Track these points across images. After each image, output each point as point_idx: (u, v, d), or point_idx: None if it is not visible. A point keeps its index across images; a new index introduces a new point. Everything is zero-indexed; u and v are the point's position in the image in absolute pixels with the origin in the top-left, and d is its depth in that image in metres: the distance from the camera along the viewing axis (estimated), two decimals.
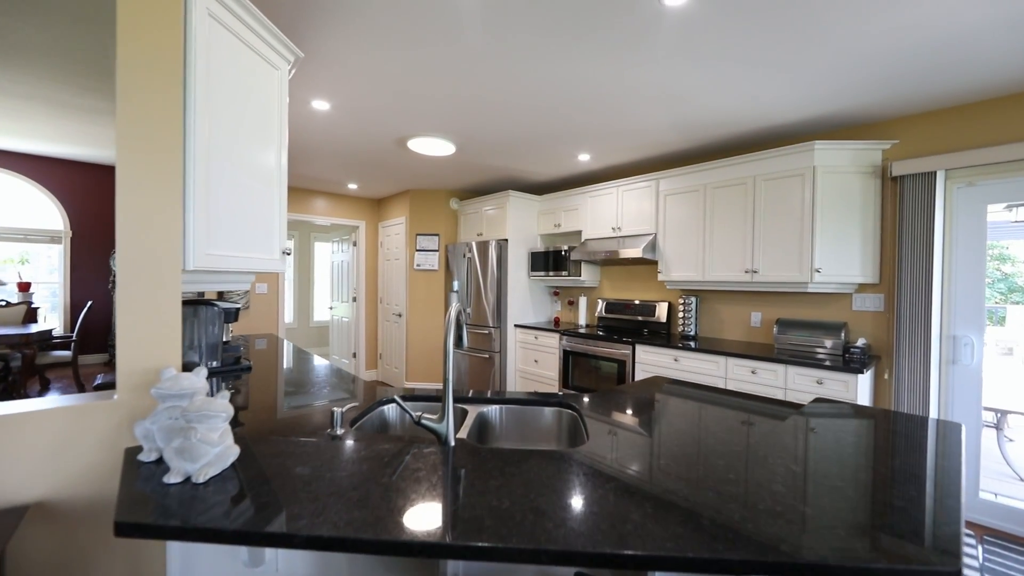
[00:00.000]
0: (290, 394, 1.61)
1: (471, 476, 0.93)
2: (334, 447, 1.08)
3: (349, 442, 1.11)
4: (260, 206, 1.39)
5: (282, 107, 1.49)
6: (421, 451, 1.07)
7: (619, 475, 0.95)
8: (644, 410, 1.46)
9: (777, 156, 2.82)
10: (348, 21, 1.81)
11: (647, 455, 1.07)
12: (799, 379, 2.51)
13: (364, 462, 0.99)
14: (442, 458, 1.03)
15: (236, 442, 0.98)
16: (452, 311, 1.19)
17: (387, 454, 1.04)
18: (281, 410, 1.42)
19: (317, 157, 3.71)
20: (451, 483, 0.90)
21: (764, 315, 3.21)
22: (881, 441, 1.18)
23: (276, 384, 1.77)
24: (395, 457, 1.02)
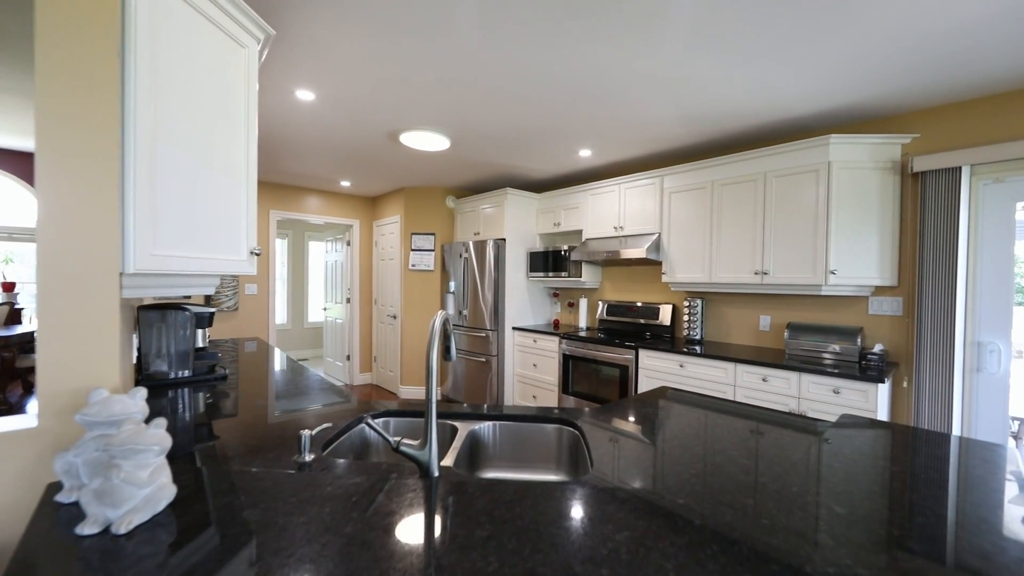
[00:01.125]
0: (261, 410, 1.46)
1: (455, 523, 0.78)
2: (296, 481, 0.93)
3: (316, 473, 0.96)
4: (223, 201, 1.23)
5: (250, 91, 1.33)
6: (398, 485, 0.92)
7: (630, 520, 0.79)
8: (653, 429, 1.30)
9: (789, 151, 2.67)
10: (331, 3, 1.66)
11: (662, 488, 0.92)
12: (814, 388, 2.36)
13: (327, 502, 0.83)
14: (422, 494, 0.88)
15: (184, 474, 0.83)
16: (437, 320, 1.04)
17: (357, 490, 0.89)
18: (247, 428, 1.26)
19: (306, 152, 3.55)
20: (428, 534, 0.74)
21: (774, 319, 3.06)
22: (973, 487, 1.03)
23: (248, 397, 1.62)
24: (365, 495, 0.87)
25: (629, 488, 0.92)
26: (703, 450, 1.14)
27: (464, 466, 1.30)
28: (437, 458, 1.00)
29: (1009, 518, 0.80)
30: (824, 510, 0.82)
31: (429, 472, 0.99)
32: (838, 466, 1.03)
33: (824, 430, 1.29)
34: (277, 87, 2.35)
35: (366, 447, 1.40)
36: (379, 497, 0.86)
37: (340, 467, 1.00)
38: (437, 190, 4.84)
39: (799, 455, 1.10)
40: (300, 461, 1.05)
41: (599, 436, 1.24)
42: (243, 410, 1.45)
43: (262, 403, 1.54)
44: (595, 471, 1.01)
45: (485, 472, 1.39)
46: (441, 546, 0.71)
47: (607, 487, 0.92)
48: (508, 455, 1.42)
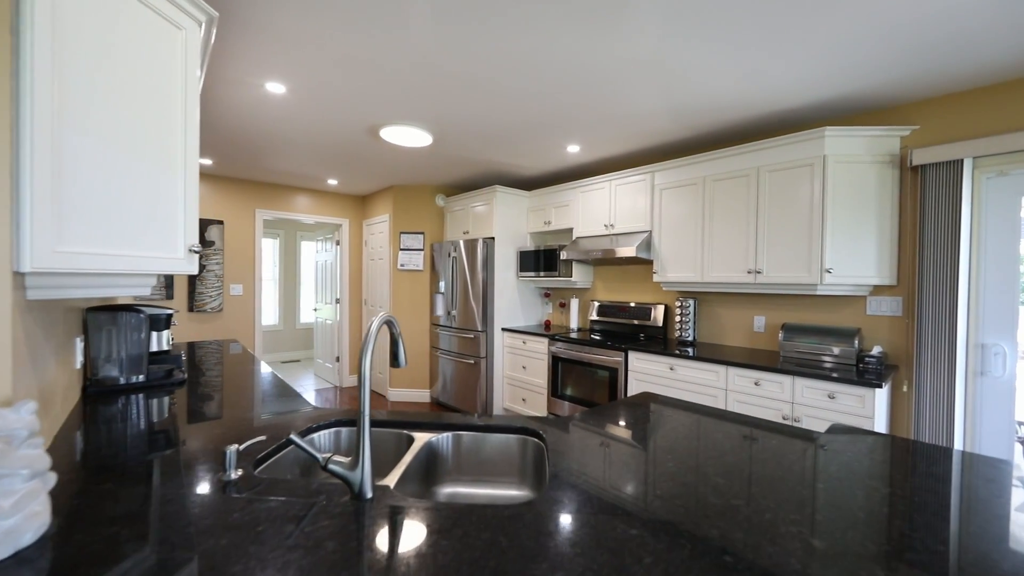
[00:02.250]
0: (210, 419, 1.36)
1: (374, 558, 0.68)
2: (206, 505, 0.82)
3: (229, 497, 0.86)
4: (153, 194, 1.13)
5: (189, 77, 1.23)
6: (324, 510, 0.82)
7: (577, 554, 0.69)
8: (623, 441, 1.20)
9: (783, 145, 2.56)
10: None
11: (622, 512, 0.81)
12: (808, 392, 2.24)
13: (230, 532, 0.73)
14: (346, 522, 0.78)
15: (84, 495, 0.73)
16: (375, 323, 0.93)
17: (271, 516, 0.78)
18: (184, 441, 1.16)
19: (285, 149, 3.46)
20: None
21: (768, 319, 2.95)
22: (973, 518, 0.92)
23: (201, 405, 1.52)
24: (282, 523, 0.77)
25: (583, 511, 0.81)
26: (674, 466, 1.04)
27: (417, 481, 1.20)
28: (371, 477, 0.90)
29: (1015, 548, 0.69)
30: (799, 544, 0.71)
31: (361, 494, 0.89)
32: (821, 487, 0.92)
33: (810, 444, 1.18)
34: (245, 80, 2.25)
35: (309, 464, 1.29)
36: (300, 525, 0.76)
37: (264, 487, 0.90)
38: (426, 188, 4.74)
39: (779, 473, 0.99)
40: (224, 479, 0.95)
41: (563, 448, 1.13)
42: (190, 419, 1.35)
43: (214, 411, 1.44)
44: (550, 491, 0.91)
45: (443, 487, 1.29)
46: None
47: (557, 510, 0.82)
48: (469, 468, 1.32)
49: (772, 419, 2.35)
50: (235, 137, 3.16)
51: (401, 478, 1.07)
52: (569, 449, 1.14)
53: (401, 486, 1.06)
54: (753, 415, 2.43)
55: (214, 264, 4.34)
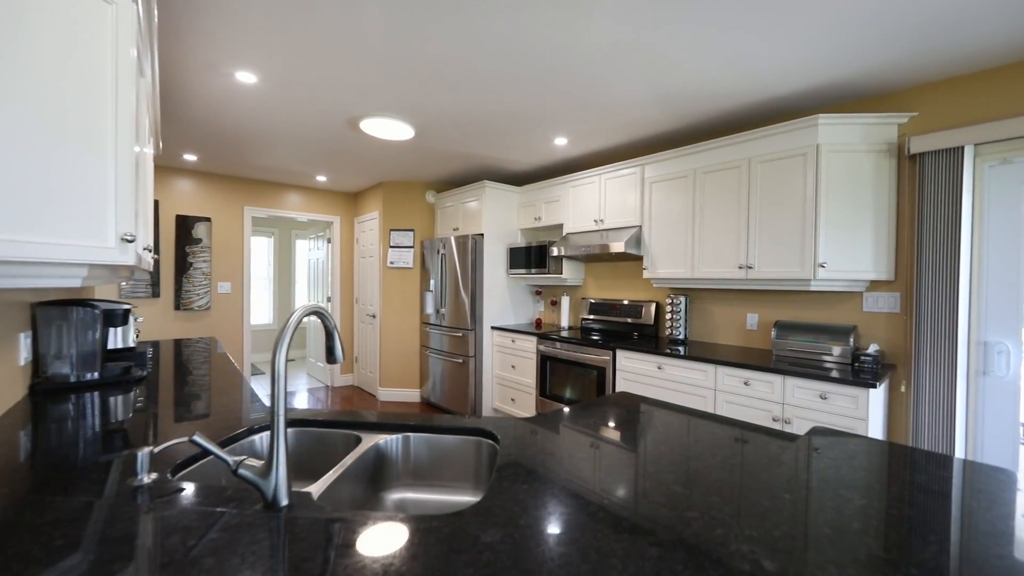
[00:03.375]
0: (153, 418, 1.28)
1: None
2: (98, 513, 0.74)
3: (134, 503, 0.78)
4: (74, 179, 1.06)
5: (121, 56, 1.16)
6: (227, 522, 0.74)
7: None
8: (582, 444, 1.11)
9: (775, 134, 2.45)
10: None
11: (557, 529, 0.72)
12: (799, 393, 2.14)
13: (105, 546, 0.65)
14: (247, 535, 0.69)
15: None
16: (295, 315, 0.85)
17: (169, 528, 0.70)
18: (116, 441, 1.09)
19: (266, 144, 3.39)
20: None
21: (761, 317, 2.84)
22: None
23: (149, 404, 1.45)
24: (183, 535, 0.68)
25: (509, 525, 0.72)
26: (632, 472, 0.94)
27: (362, 486, 1.12)
28: (286, 484, 0.82)
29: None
30: (748, 566, 0.62)
31: (275, 502, 0.80)
32: (788, 498, 0.83)
33: (785, 449, 1.08)
34: (214, 69, 2.18)
35: None
36: (181, 539, 0.67)
37: (173, 494, 0.82)
38: (416, 185, 4.67)
39: (745, 480, 0.90)
40: (133, 485, 0.87)
41: (515, 452, 1.04)
42: (134, 418, 1.27)
43: (162, 411, 1.37)
44: (486, 499, 0.82)
45: (393, 493, 1.20)
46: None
47: (483, 522, 0.73)
48: (421, 472, 1.23)
49: (762, 421, 2.25)
50: (215, 131, 3.10)
51: (334, 484, 0.98)
52: (521, 452, 1.05)
53: (333, 493, 0.97)
54: (742, 417, 2.33)
55: (201, 262, 4.29)
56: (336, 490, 1.01)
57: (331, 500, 0.97)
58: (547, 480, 0.90)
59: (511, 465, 0.98)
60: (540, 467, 0.97)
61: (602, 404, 1.47)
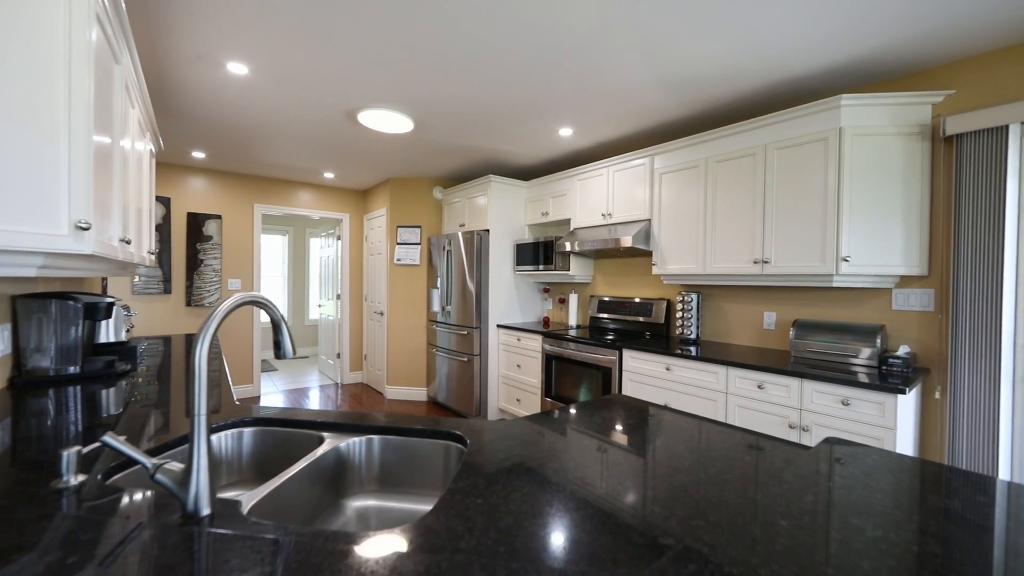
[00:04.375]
0: (120, 414, 1.23)
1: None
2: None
3: (42, 508, 0.71)
4: (18, 162, 1.01)
5: (75, 35, 1.10)
6: (131, 537, 0.66)
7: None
8: (559, 452, 0.99)
9: (793, 118, 2.27)
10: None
11: (501, 550, 0.61)
12: (819, 398, 1.96)
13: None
14: (153, 552, 0.61)
15: None
16: (224, 305, 0.77)
17: (62, 541, 0.63)
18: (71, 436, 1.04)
19: (268, 139, 3.38)
20: None
21: (779, 315, 2.65)
22: None
23: (121, 398, 1.40)
24: (69, 550, 0.61)
25: (446, 550, 0.62)
26: (606, 489, 0.83)
27: (319, 491, 1.03)
28: (208, 492, 0.73)
29: None
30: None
31: (196, 511, 0.72)
32: (784, 525, 0.69)
33: (792, 463, 0.94)
34: (204, 60, 2.15)
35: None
36: (81, 556, 0.60)
37: (95, 498, 0.75)
38: (423, 181, 4.61)
39: (737, 501, 0.77)
40: (55, 487, 0.81)
41: (482, 459, 0.94)
42: (104, 413, 1.22)
43: (132, 406, 1.32)
44: (431, 516, 0.71)
45: (355, 500, 1.11)
46: None
47: (418, 546, 0.62)
48: (387, 477, 1.14)
49: (777, 428, 2.08)
50: (215, 127, 3.10)
51: (281, 491, 0.90)
52: (487, 460, 0.94)
53: (278, 501, 0.88)
54: (755, 423, 2.16)
55: (212, 259, 4.34)
56: (285, 497, 0.92)
57: (276, 508, 0.88)
58: (506, 494, 0.79)
59: (471, 474, 0.87)
60: (503, 477, 0.86)
61: (591, 407, 1.35)
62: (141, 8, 1.74)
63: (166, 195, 4.12)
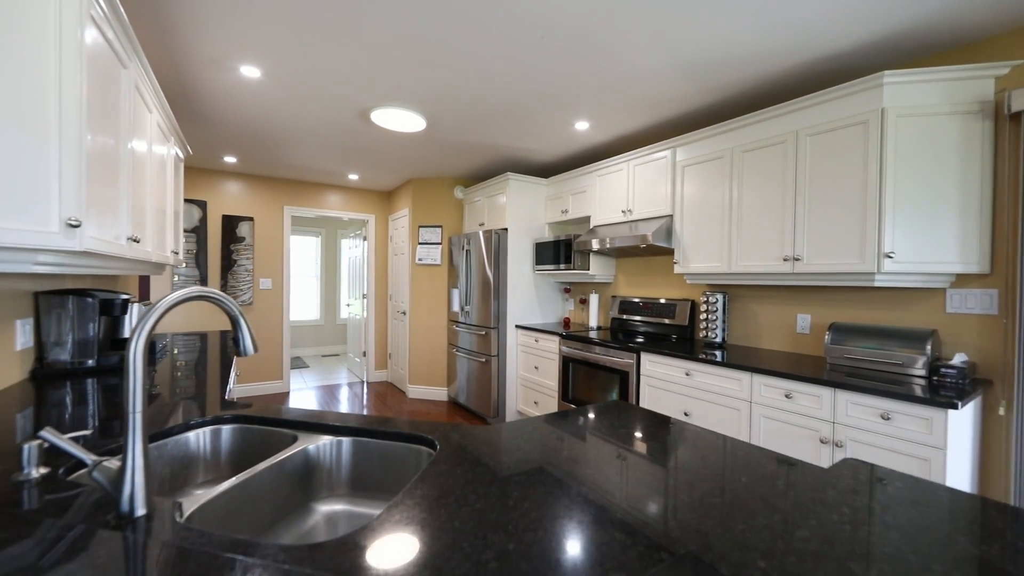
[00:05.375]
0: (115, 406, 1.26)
1: None
2: None
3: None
4: (9, 161, 1.04)
5: (66, 33, 1.14)
6: (47, 538, 0.64)
7: None
8: (531, 464, 0.91)
9: (827, 100, 2.06)
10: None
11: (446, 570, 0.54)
12: (854, 410, 1.76)
13: None
14: (72, 553, 0.59)
15: None
16: (168, 299, 0.75)
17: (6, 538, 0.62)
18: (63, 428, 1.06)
19: (286, 142, 3.47)
20: None
21: (815, 318, 2.42)
22: None
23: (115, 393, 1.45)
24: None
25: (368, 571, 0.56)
26: (572, 509, 0.74)
27: (286, 493, 1.00)
28: (143, 492, 0.71)
29: None
30: None
31: (131, 511, 0.70)
32: (763, 567, 0.58)
33: (793, 485, 0.81)
34: (218, 64, 2.21)
35: (186, 462, 1.14)
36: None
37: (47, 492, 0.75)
38: (444, 181, 4.61)
39: (713, 528, 0.66)
40: (17, 479, 0.81)
41: (446, 468, 0.87)
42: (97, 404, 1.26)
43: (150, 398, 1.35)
44: (360, 533, 0.66)
45: (324, 504, 1.07)
46: None
47: (349, 555, 0.57)
48: (360, 481, 1.09)
49: (806, 442, 1.89)
50: (239, 132, 3.21)
51: (230, 494, 0.87)
52: (450, 470, 0.87)
53: (226, 503, 0.86)
54: (782, 437, 1.97)
55: (244, 259, 4.53)
56: (244, 498, 0.89)
57: (231, 510, 0.86)
58: (457, 508, 0.72)
59: (426, 483, 0.81)
60: (457, 490, 0.79)
61: (583, 414, 1.25)
62: (152, 14, 1.80)
63: (202, 198, 4.34)
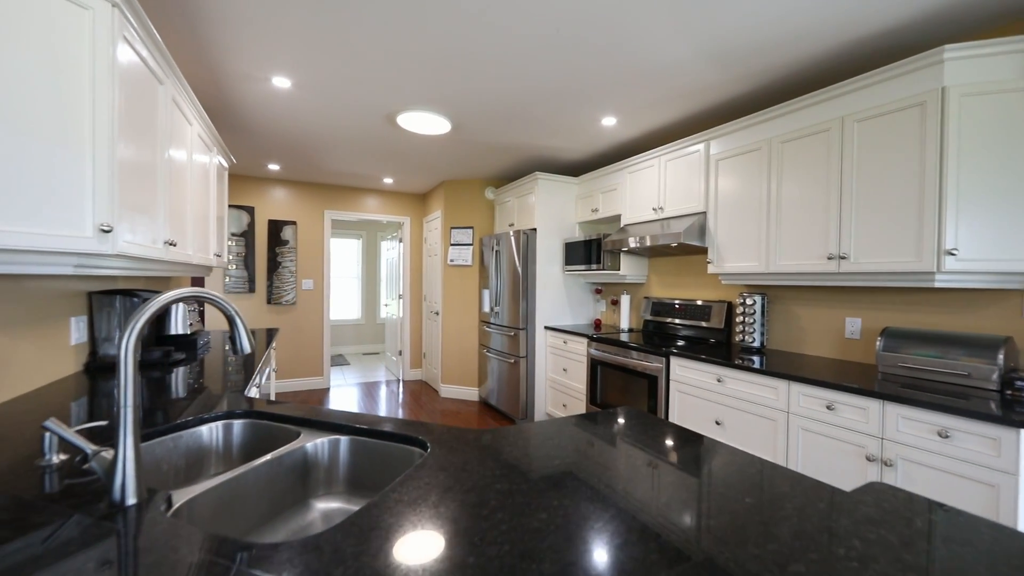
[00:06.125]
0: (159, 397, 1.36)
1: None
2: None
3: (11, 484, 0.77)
4: (46, 171, 1.13)
5: (99, 57, 1.23)
6: (56, 521, 0.68)
7: None
8: (517, 472, 0.87)
9: (877, 82, 1.86)
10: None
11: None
12: (906, 426, 1.57)
13: None
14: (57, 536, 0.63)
15: None
16: (161, 299, 0.78)
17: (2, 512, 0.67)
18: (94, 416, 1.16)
19: (321, 148, 3.61)
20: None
21: (866, 322, 2.20)
22: None
23: (160, 383, 1.55)
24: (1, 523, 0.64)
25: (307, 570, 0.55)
26: (550, 532, 0.70)
27: (285, 488, 1.03)
28: (134, 482, 0.74)
29: None
30: None
31: (122, 500, 0.73)
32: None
33: (801, 509, 0.72)
34: (251, 77, 2.34)
35: (199, 455, 1.20)
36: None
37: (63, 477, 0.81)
38: (475, 182, 4.64)
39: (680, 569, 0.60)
40: (39, 464, 0.88)
41: (429, 473, 0.86)
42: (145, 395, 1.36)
43: (162, 390, 1.45)
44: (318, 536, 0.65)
45: (321, 501, 1.09)
46: None
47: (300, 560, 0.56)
48: (358, 479, 1.10)
49: (850, 459, 1.72)
50: (276, 140, 3.39)
51: (221, 487, 0.90)
52: (432, 476, 0.85)
53: (219, 496, 0.88)
54: (823, 452, 1.81)
55: (288, 261, 4.78)
56: (239, 492, 0.92)
57: (224, 503, 0.89)
58: (428, 515, 0.70)
59: (405, 488, 0.79)
60: (434, 495, 0.77)
61: (590, 420, 1.20)
62: (189, 32, 1.93)
63: (251, 204, 4.63)
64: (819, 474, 1.82)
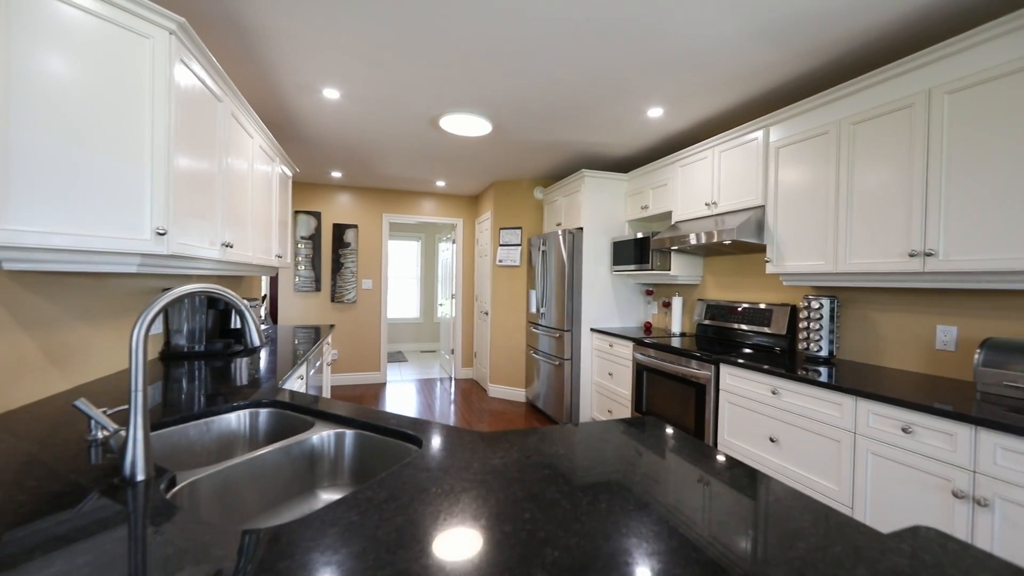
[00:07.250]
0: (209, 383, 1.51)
1: None
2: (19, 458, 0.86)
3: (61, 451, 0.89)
4: (108, 182, 1.29)
5: (157, 80, 1.38)
6: (71, 490, 0.77)
7: None
8: (507, 478, 0.84)
9: (974, 45, 1.56)
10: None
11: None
12: (1006, 458, 1.29)
13: None
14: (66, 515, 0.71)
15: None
16: (172, 293, 0.85)
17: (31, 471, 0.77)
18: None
19: (373, 154, 3.79)
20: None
21: (963, 332, 1.86)
22: None
23: (217, 372, 1.72)
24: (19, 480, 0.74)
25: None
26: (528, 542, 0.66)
27: (292, 477, 1.08)
28: (143, 460, 0.82)
29: None
30: None
31: (132, 476, 0.81)
32: None
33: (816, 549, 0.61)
34: (304, 89, 2.51)
35: (229, 440, 1.30)
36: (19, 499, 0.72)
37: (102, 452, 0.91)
38: (524, 182, 4.63)
39: None
40: (87, 438, 1.00)
41: (413, 472, 0.85)
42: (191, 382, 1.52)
43: (215, 378, 1.61)
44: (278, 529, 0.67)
45: (325, 492, 1.13)
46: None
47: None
48: (362, 472, 1.13)
49: (933, 494, 1.46)
50: (333, 148, 3.62)
51: (223, 472, 0.96)
52: (415, 474, 0.85)
53: (225, 479, 0.95)
54: (896, 481, 1.56)
55: (350, 262, 5.10)
56: (246, 476, 0.98)
57: (229, 485, 0.95)
58: (392, 516, 0.69)
59: (382, 486, 0.79)
60: (406, 494, 0.76)
61: (603, 428, 1.12)
62: (247, 52, 2.12)
63: (317, 209, 5.00)
64: (894, 508, 1.56)
